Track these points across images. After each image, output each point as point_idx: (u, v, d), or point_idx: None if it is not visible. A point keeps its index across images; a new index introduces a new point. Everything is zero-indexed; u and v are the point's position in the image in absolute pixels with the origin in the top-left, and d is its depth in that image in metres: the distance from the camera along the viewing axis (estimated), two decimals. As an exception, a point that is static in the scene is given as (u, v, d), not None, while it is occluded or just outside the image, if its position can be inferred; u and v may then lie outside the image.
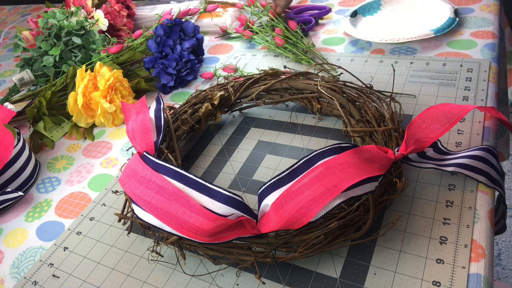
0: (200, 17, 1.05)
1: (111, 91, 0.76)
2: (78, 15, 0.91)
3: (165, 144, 0.62)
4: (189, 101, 0.70)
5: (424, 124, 0.51)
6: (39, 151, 0.77)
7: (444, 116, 0.51)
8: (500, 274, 1.29)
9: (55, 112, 0.80)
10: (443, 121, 0.51)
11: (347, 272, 0.46)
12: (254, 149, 0.65)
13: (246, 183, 0.60)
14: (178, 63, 0.83)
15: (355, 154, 0.46)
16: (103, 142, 0.75)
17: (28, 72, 0.86)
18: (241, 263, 0.47)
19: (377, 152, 0.47)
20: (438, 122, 0.51)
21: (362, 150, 0.47)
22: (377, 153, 0.47)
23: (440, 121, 0.51)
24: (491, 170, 0.50)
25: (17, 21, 1.41)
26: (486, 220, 0.47)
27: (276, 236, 0.46)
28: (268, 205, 0.45)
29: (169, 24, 0.87)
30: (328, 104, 0.66)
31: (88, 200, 0.63)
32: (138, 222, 0.51)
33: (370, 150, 0.47)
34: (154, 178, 0.47)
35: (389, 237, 0.48)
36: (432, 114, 0.52)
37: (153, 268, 0.51)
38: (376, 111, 0.59)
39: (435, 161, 0.52)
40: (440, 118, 0.51)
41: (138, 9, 1.13)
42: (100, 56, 0.86)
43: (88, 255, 0.54)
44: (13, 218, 0.63)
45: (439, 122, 0.51)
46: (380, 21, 0.91)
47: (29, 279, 0.53)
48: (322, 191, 0.43)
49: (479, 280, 0.42)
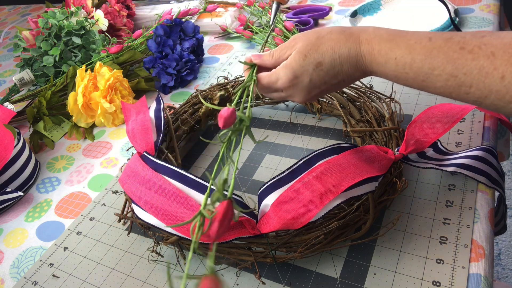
0: (200, 17, 1.05)
1: (111, 91, 0.76)
2: (78, 15, 0.91)
3: (165, 144, 0.62)
4: (189, 101, 0.70)
5: (424, 124, 0.51)
6: (39, 151, 0.77)
7: (444, 116, 0.51)
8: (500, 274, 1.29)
9: (55, 112, 0.80)
10: (443, 121, 0.51)
11: (347, 272, 0.46)
12: (254, 149, 0.65)
13: (246, 183, 0.60)
14: (178, 63, 0.83)
15: (355, 154, 0.46)
16: (103, 142, 0.75)
17: (28, 72, 0.86)
18: (241, 263, 0.47)
19: (377, 152, 0.47)
20: (438, 122, 0.51)
21: (362, 150, 0.47)
22: (377, 153, 0.47)
23: (440, 121, 0.51)
24: (491, 170, 0.50)
25: (17, 21, 1.41)
26: (486, 220, 0.47)
27: (276, 236, 0.46)
28: (268, 205, 0.45)
29: (169, 24, 0.87)
30: (328, 104, 0.66)
31: (88, 200, 0.63)
32: (138, 222, 0.51)
33: (370, 150, 0.47)
34: (154, 178, 0.47)
35: (389, 237, 0.48)
36: (432, 114, 0.52)
37: (153, 268, 0.51)
38: (376, 111, 0.59)
39: (435, 161, 0.52)
40: (440, 118, 0.51)
41: (138, 9, 1.13)
42: (100, 56, 0.86)
43: (88, 255, 0.54)
44: (13, 218, 0.63)
45: (439, 122, 0.51)
46: (380, 21, 0.91)
47: (29, 279, 0.53)
48: (322, 191, 0.43)
49: (479, 280, 0.42)
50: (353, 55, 0.43)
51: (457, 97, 0.39)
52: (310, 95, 0.48)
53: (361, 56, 0.43)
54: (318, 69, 0.45)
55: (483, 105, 0.38)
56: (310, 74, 0.45)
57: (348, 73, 0.45)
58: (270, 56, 0.49)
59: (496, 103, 0.37)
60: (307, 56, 0.45)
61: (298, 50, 0.45)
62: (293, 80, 0.46)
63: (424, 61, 0.39)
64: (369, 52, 0.43)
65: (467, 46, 0.37)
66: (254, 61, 0.50)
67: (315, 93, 0.47)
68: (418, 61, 0.40)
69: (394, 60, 0.41)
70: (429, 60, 0.39)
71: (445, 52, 0.38)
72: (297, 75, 0.46)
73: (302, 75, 0.45)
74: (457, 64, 0.37)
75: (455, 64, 0.37)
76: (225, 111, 0.39)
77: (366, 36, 0.43)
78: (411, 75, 0.41)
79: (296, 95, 0.48)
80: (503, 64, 0.35)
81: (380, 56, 0.42)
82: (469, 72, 0.37)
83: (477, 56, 0.36)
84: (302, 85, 0.46)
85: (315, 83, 0.46)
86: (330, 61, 0.44)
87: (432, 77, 0.39)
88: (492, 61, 0.35)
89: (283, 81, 0.47)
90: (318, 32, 0.45)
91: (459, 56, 0.37)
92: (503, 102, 0.36)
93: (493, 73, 0.35)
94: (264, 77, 0.48)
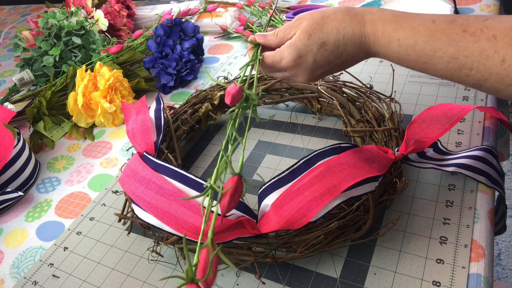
0: (200, 17, 1.05)
1: (111, 91, 0.76)
2: (78, 15, 0.91)
3: (165, 144, 0.62)
4: (189, 101, 0.70)
5: (424, 124, 0.51)
6: (39, 151, 0.77)
7: (444, 116, 0.51)
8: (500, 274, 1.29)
9: (55, 112, 0.80)
10: (443, 121, 0.51)
11: (347, 272, 0.46)
12: (254, 149, 0.65)
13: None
14: (178, 63, 0.83)
15: (355, 154, 0.46)
16: (103, 142, 0.75)
17: (28, 72, 0.86)
18: (241, 263, 0.47)
19: (377, 152, 0.47)
20: (438, 122, 0.51)
21: (362, 150, 0.47)
22: (377, 153, 0.47)
23: (440, 121, 0.51)
24: (491, 170, 0.50)
25: (17, 21, 1.41)
26: (486, 220, 0.47)
27: (276, 236, 0.46)
28: (268, 205, 0.44)
29: (169, 24, 0.87)
30: (328, 104, 0.66)
31: (88, 200, 0.63)
32: (138, 222, 0.51)
33: (370, 150, 0.47)
34: (154, 178, 0.47)
35: (389, 237, 0.48)
36: (432, 114, 0.52)
37: (153, 268, 0.51)
38: (376, 111, 0.59)
39: (435, 161, 0.52)
40: (440, 118, 0.51)
41: (138, 9, 1.14)
42: (100, 56, 0.86)
43: (88, 255, 0.54)
44: (13, 218, 0.63)
45: (439, 122, 0.51)
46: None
47: (29, 279, 0.53)
48: (322, 191, 0.43)
49: (479, 280, 0.42)
50: (357, 36, 0.44)
51: (458, 80, 0.40)
52: (313, 75, 0.48)
53: (365, 37, 0.44)
54: (322, 49, 0.45)
55: (483, 88, 0.38)
56: (315, 54, 0.45)
57: (352, 54, 0.45)
58: (275, 36, 0.49)
59: (496, 86, 0.37)
60: (311, 35, 0.45)
61: (303, 29, 0.45)
62: (298, 59, 0.46)
63: (426, 43, 0.40)
64: (373, 33, 0.43)
65: (469, 29, 0.37)
66: (258, 41, 0.50)
67: (318, 73, 0.48)
68: (421, 43, 0.40)
69: (397, 41, 0.41)
70: (431, 42, 0.39)
71: (448, 35, 0.38)
72: (301, 55, 0.46)
73: (306, 55, 0.46)
74: (459, 46, 0.38)
75: (457, 46, 0.38)
76: (233, 88, 0.40)
77: (370, 16, 0.43)
78: (413, 57, 0.41)
79: (300, 74, 0.48)
80: (504, 47, 0.35)
81: (384, 37, 0.42)
82: (471, 54, 0.37)
83: (478, 39, 0.37)
84: (306, 65, 0.47)
85: (319, 63, 0.46)
86: (335, 41, 0.44)
87: (434, 59, 0.40)
88: (493, 44, 0.36)
89: (287, 60, 0.47)
90: (323, 12, 0.46)
91: (461, 38, 0.37)
92: (503, 85, 0.36)
93: (493, 55, 0.36)
94: (268, 56, 0.49)
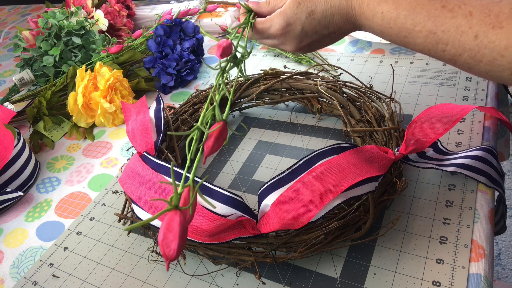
0: (200, 17, 1.05)
1: (111, 91, 0.76)
2: (78, 15, 0.91)
3: (165, 144, 0.62)
4: (189, 101, 0.70)
5: (424, 124, 0.51)
6: (39, 151, 0.77)
7: (444, 116, 0.51)
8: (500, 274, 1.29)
9: (55, 112, 0.80)
10: (443, 121, 0.51)
11: (347, 272, 0.46)
12: (254, 149, 0.65)
13: (246, 183, 0.60)
14: (178, 63, 0.83)
15: (355, 154, 0.46)
16: (103, 142, 0.75)
17: (28, 72, 0.86)
18: (241, 263, 0.47)
19: (377, 152, 0.47)
20: (438, 122, 0.51)
21: (362, 150, 0.47)
22: (377, 153, 0.47)
23: (440, 121, 0.51)
24: (491, 170, 0.50)
25: (17, 21, 1.41)
26: (486, 220, 0.47)
27: (276, 236, 0.46)
28: (268, 205, 0.45)
29: (169, 24, 0.87)
30: (328, 104, 0.66)
31: (88, 200, 0.63)
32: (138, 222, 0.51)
33: (370, 150, 0.47)
34: (154, 178, 0.47)
35: (389, 237, 0.48)
36: (432, 114, 0.52)
37: (153, 268, 0.51)
38: (376, 111, 0.59)
39: (435, 161, 0.52)
40: (440, 118, 0.51)
41: (138, 9, 1.14)
42: (100, 56, 0.86)
43: (88, 255, 0.54)
44: (13, 218, 0.63)
45: (439, 122, 0.51)
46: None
47: (29, 279, 0.53)
48: (322, 191, 0.43)
49: (479, 280, 0.42)
50: (343, 7, 0.45)
51: (435, 55, 0.41)
52: (301, 44, 0.50)
53: (351, 8, 0.45)
54: (310, 17, 0.47)
55: (457, 64, 0.39)
56: (303, 22, 0.47)
57: (339, 25, 0.47)
58: (267, 4, 0.52)
59: (469, 62, 0.38)
60: (301, 4, 0.47)
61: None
62: (286, 27, 0.48)
63: (407, 17, 0.41)
64: (359, 4, 0.45)
65: (448, 5, 0.38)
66: (251, 7, 0.53)
67: (306, 42, 0.50)
68: (402, 16, 0.41)
69: (380, 14, 0.43)
70: (412, 16, 0.40)
71: (428, 10, 0.39)
72: (290, 23, 0.48)
73: (294, 23, 0.48)
74: (437, 21, 0.39)
75: (435, 21, 0.39)
76: (223, 41, 0.42)
77: None
78: (394, 30, 0.42)
79: (288, 43, 0.50)
80: (478, 24, 0.36)
81: (369, 9, 0.44)
82: (447, 30, 0.38)
83: (456, 15, 0.38)
84: (294, 33, 0.49)
85: (306, 31, 0.48)
86: (322, 11, 0.46)
87: (414, 33, 0.41)
88: (469, 20, 0.37)
89: (276, 28, 0.49)
90: None
91: (440, 13, 0.39)
92: (474, 61, 0.37)
93: (468, 31, 0.37)
94: (258, 23, 0.51)
